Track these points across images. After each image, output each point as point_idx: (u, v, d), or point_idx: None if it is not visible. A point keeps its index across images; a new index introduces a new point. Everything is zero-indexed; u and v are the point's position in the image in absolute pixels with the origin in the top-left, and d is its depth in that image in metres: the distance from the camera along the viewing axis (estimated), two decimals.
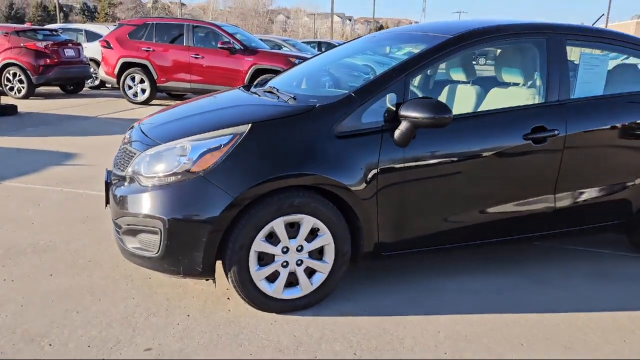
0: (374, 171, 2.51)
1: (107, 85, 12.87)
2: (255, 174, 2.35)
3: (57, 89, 11.86)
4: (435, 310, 2.60)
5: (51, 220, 3.67)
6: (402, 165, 2.56)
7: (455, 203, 2.74)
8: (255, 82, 3.68)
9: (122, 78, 10.25)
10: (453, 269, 3.07)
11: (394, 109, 2.55)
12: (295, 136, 2.48)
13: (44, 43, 10.79)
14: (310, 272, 2.55)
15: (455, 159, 2.68)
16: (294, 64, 5.03)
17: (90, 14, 65.87)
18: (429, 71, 3.76)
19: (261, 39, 13.05)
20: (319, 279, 2.56)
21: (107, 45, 10.39)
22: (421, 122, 2.45)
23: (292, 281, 2.53)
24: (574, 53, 3.25)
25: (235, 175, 2.34)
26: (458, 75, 3.68)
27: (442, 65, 3.78)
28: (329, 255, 2.54)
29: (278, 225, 2.41)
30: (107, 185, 2.74)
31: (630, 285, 2.97)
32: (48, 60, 10.66)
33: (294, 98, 2.76)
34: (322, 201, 2.46)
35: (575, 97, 2.97)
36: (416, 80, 3.80)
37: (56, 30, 12.39)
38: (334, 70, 3.56)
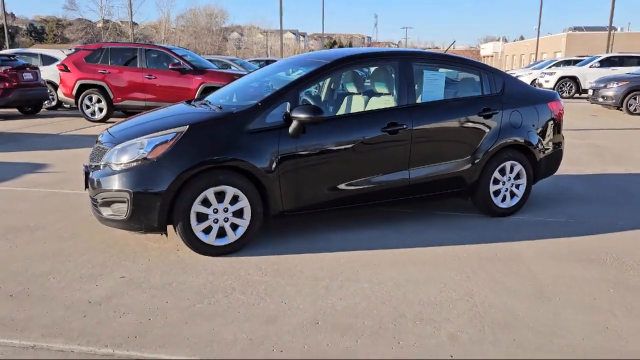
0: (276, 156, 3.69)
1: (65, 105, 13.64)
2: (191, 158, 3.48)
3: (15, 110, 12.59)
4: (323, 251, 3.78)
5: (36, 210, 4.67)
6: (295, 152, 3.75)
7: (336, 178, 3.94)
8: (195, 98, 4.81)
9: (80, 98, 11.16)
10: (340, 226, 4.27)
11: (289, 112, 3.74)
12: (220, 133, 3.63)
13: (3, 68, 11.56)
14: (234, 227, 3.69)
15: (334, 146, 3.89)
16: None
17: (37, 35, 65.10)
18: (324, 84, 5.03)
19: (210, 60, 14.17)
20: (240, 231, 3.70)
21: (64, 68, 11.28)
22: (305, 121, 3.66)
23: (222, 233, 3.66)
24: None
25: (178, 160, 3.47)
26: (352, 88, 4.93)
27: (341, 80, 5.05)
28: (247, 215, 3.69)
29: (209, 193, 3.54)
30: (86, 173, 3.81)
31: (465, 232, 4.24)
32: (7, 84, 11.44)
33: (220, 107, 3.93)
34: (240, 177, 3.62)
35: (420, 102, 4.26)
36: (323, 93, 5.05)
37: (13, 56, 13.15)
38: (253, 86, 4.75)
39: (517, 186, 4.69)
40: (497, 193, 4.61)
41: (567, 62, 23.15)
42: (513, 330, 2.72)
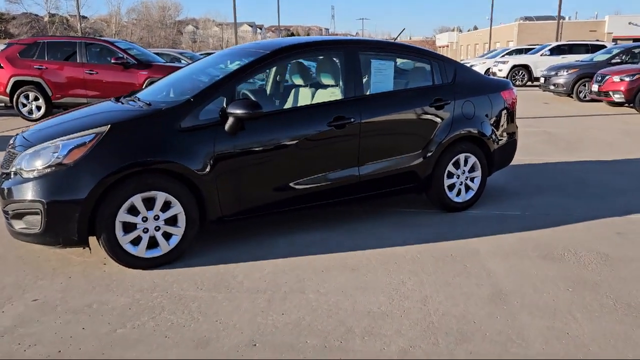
0: (212, 156, 3.35)
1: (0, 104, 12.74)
2: (114, 162, 3.10)
3: None
4: (268, 257, 3.48)
5: None
6: (233, 151, 3.42)
7: (280, 178, 3.64)
8: (125, 95, 4.39)
9: (16, 96, 10.40)
10: (287, 228, 3.98)
11: (225, 108, 3.40)
12: (147, 133, 3.26)
13: None
14: (167, 236, 3.34)
15: (277, 143, 3.58)
16: None
17: None
18: (269, 76, 4.71)
19: (158, 53, 13.55)
20: (175, 240, 3.35)
21: None
22: (242, 117, 3.33)
23: (154, 243, 3.30)
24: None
25: (99, 164, 3.08)
26: (299, 80, 4.62)
27: (286, 72, 4.74)
28: (181, 222, 3.34)
29: (137, 200, 3.17)
30: None
31: (419, 229, 4.02)
32: None
33: (149, 104, 3.54)
34: (171, 181, 3.26)
35: (368, 94, 4.00)
36: (268, 86, 4.73)
37: None
38: (191, 80, 4.36)
39: (472, 179, 4.52)
40: (451, 187, 4.42)
41: (519, 51, 23.52)
42: (469, 341, 2.50)
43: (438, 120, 4.22)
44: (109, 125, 3.20)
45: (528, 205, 4.65)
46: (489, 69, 21.83)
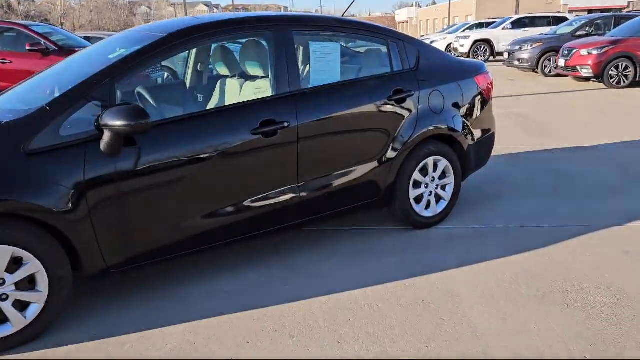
0: (81, 187, 2.34)
1: None
2: None
3: None
4: (170, 321, 2.52)
5: None
6: (116, 177, 2.42)
7: (189, 208, 2.66)
8: None
9: None
10: (203, 272, 3.02)
11: (99, 118, 2.39)
12: None
13: None
14: (23, 306, 2.33)
15: (183, 162, 2.59)
16: None
17: None
18: (189, 65, 3.69)
19: (87, 38, 12.15)
20: (34, 310, 2.35)
21: None
22: (121, 131, 2.32)
23: (2, 318, 2.30)
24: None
25: None
26: (225, 70, 3.61)
27: (209, 60, 3.73)
28: (43, 284, 2.34)
29: None
30: None
31: (380, 260, 3.13)
32: None
33: None
34: (20, 227, 2.24)
35: (309, 87, 3.04)
36: (188, 78, 3.71)
37: None
38: (58, 77, 3.25)
39: (444, 187, 3.65)
40: (419, 199, 3.54)
41: (480, 25, 22.85)
42: None
43: (399, 117, 3.31)
44: None
45: (510, 214, 3.83)
46: (450, 44, 21.09)
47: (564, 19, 17.70)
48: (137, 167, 2.47)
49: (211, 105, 3.27)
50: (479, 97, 3.80)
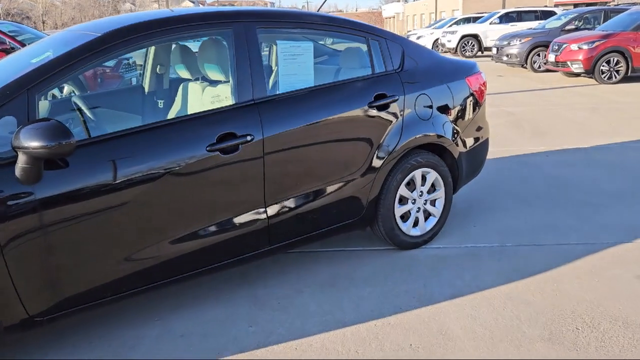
0: None
1: None
2: None
3: None
4: None
5: None
6: (35, 208, 1.98)
7: (131, 241, 2.23)
8: None
9: None
10: (159, 308, 2.59)
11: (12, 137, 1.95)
12: None
13: None
14: None
15: (123, 186, 2.16)
16: None
17: None
18: (147, 66, 3.27)
19: None
20: None
21: None
22: (38, 154, 1.89)
23: None
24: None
25: None
26: (186, 73, 3.18)
27: (170, 62, 3.31)
28: None
29: None
30: None
31: (360, 293, 2.73)
32: None
33: None
34: None
35: (276, 93, 2.62)
36: (146, 81, 3.30)
37: None
38: None
39: (434, 202, 3.26)
40: (405, 217, 3.15)
41: (467, 20, 22.54)
42: None
43: (381, 125, 2.90)
44: None
45: (506, 229, 3.45)
46: (437, 39, 20.75)
47: (553, 13, 17.43)
48: (64, 194, 2.03)
49: (165, 116, 2.84)
50: (471, 100, 3.41)
